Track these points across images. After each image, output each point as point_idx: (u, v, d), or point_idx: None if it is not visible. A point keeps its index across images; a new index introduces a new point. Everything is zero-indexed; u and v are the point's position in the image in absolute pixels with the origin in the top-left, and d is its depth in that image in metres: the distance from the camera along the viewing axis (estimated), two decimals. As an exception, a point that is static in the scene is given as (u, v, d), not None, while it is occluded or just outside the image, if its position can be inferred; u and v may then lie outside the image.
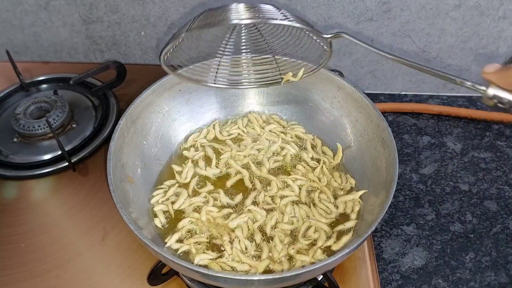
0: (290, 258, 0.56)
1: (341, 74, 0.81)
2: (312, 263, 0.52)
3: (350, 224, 0.59)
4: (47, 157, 0.74)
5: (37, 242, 0.64)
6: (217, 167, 0.67)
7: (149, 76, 0.73)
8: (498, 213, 0.70)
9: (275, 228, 0.59)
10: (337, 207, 0.62)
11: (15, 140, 0.77)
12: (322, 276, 0.56)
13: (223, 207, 0.62)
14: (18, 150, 0.76)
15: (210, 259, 0.55)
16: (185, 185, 0.65)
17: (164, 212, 0.62)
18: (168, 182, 0.65)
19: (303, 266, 0.54)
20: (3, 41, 0.92)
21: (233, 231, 0.59)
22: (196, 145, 0.70)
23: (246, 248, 0.57)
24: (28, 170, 0.72)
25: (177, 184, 0.65)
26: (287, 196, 0.62)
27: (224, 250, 0.57)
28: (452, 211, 0.71)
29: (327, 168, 0.66)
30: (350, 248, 0.48)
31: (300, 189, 0.63)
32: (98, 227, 0.65)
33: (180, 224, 0.60)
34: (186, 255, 0.57)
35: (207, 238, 0.58)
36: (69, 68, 0.90)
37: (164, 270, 0.59)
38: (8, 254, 0.63)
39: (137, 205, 0.60)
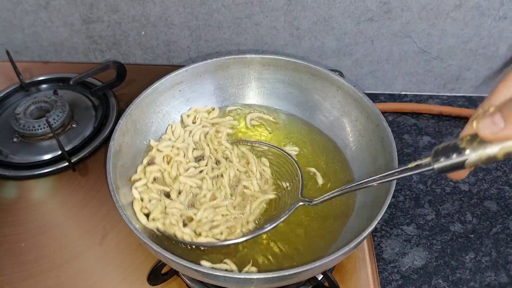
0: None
1: (341, 74, 0.81)
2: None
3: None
4: (47, 157, 0.74)
5: (36, 242, 0.64)
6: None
7: (149, 76, 0.73)
8: (498, 213, 0.70)
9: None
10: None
11: (15, 140, 0.77)
12: (322, 276, 0.56)
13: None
14: (18, 150, 0.76)
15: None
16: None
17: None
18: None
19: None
20: (3, 41, 0.92)
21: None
22: (197, 117, 0.71)
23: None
24: (28, 170, 0.72)
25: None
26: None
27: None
28: (452, 211, 0.71)
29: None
30: (350, 246, 0.48)
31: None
32: (97, 227, 0.65)
33: (149, 169, 0.63)
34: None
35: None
36: (69, 68, 0.90)
37: (164, 270, 0.59)
38: (8, 254, 0.63)
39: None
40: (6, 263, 0.62)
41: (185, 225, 0.58)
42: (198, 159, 0.67)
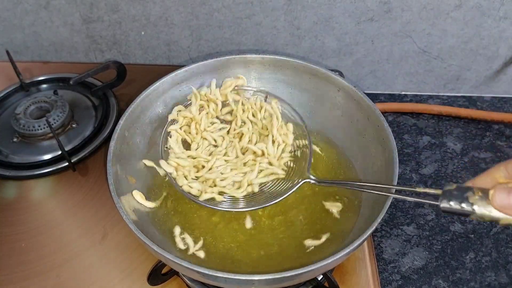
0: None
1: (341, 74, 0.81)
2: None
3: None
4: (47, 157, 0.74)
5: (37, 242, 0.64)
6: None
7: (149, 76, 0.73)
8: (499, 214, 0.70)
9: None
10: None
11: (15, 140, 0.77)
12: (322, 276, 0.56)
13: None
14: (18, 150, 0.76)
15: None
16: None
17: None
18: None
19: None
20: (3, 41, 0.92)
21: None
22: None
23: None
24: (28, 170, 0.72)
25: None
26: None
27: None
28: (452, 211, 0.71)
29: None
30: (351, 248, 0.48)
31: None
32: (97, 226, 0.65)
33: (182, 114, 0.66)
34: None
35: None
36: (69, 68, 0.90)
37: (164, 270, 0.59)
38: (8, 254, 0.63)
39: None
40: (6, 263, 0.62)
41: (197, 178, 0.61)
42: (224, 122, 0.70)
